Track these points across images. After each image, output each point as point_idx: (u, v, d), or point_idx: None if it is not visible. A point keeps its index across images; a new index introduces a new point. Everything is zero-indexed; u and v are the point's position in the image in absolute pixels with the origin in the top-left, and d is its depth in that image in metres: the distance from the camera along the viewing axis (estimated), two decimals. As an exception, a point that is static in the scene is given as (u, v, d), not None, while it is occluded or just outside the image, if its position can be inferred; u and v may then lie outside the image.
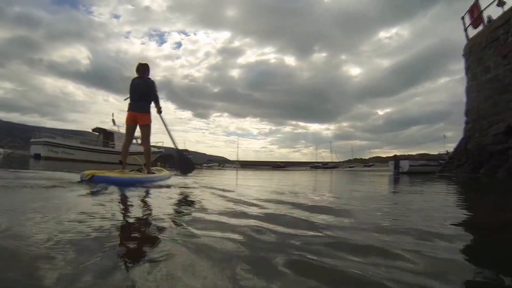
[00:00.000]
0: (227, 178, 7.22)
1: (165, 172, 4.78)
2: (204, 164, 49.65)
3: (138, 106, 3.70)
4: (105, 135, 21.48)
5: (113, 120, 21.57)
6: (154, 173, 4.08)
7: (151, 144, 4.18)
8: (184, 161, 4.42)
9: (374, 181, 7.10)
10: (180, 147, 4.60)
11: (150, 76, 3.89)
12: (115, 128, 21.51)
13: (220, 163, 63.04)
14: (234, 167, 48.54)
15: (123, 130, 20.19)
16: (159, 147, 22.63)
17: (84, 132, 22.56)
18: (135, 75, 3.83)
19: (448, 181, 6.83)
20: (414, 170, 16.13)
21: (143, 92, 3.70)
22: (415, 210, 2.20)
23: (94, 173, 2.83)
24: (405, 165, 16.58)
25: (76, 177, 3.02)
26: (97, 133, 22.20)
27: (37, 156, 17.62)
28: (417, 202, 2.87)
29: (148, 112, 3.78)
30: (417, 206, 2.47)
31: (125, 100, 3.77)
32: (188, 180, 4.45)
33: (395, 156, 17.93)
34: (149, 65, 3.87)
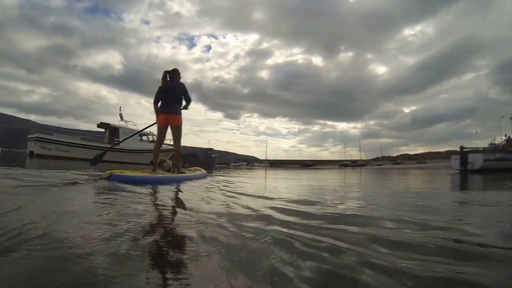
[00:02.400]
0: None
1: (200, 172, 4.74)
2: (232, 164, 48.65)
3: (171, 108, 3.83)
4: (111, 131, 19.11)
5: (120, 115, 19.45)
6: (184, 173, 4.17)
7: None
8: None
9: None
10: (206, 146, 3.90)
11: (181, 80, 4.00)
12: (122, 123, 19.33)
13: (249, 162, 62.20)
14: (263, 166, 48.12)
15: (131, 125, 19.35)
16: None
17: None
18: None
19: None
20: (490, 167, 13.34)
21: (176, 94, 3.85)
22: None
23: (112, 172, 2.89)
24: (477, 159, 13.65)
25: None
26: (103, 129, 19.76)
27: (31, 154, 16.11)
28: None
29: (180, 113, 3.91)
30: None
31: (155, 104, 3.87)
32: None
33: (461, 148, 15.02)
34: (179, 70, 3.94)
